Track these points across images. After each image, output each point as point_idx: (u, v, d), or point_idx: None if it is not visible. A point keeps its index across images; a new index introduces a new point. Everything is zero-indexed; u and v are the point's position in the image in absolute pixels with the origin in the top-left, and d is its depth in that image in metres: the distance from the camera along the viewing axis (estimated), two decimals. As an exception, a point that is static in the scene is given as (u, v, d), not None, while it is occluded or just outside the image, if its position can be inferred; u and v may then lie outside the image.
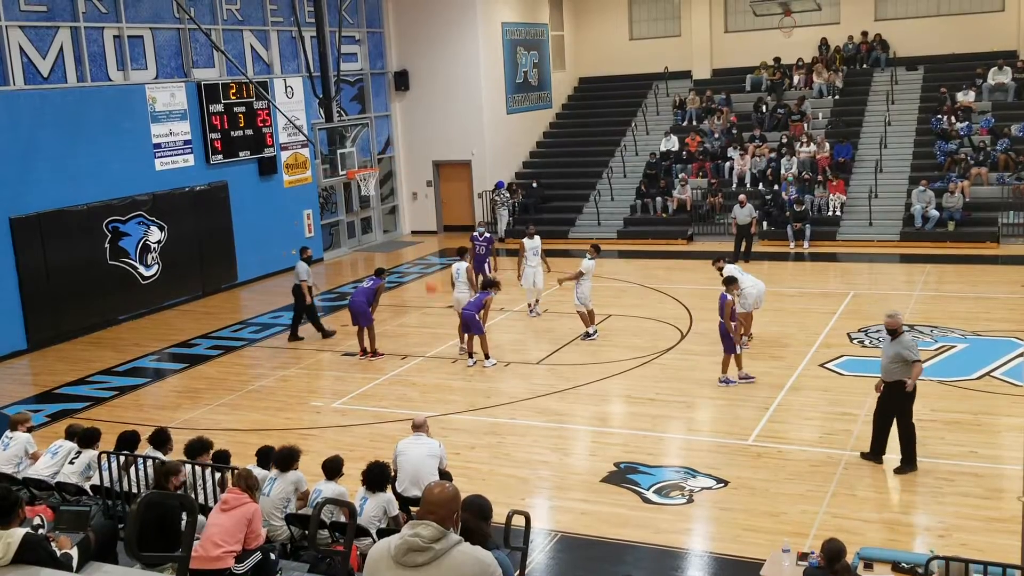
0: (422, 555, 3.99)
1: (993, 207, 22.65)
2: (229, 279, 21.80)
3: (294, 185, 23.66)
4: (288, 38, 23.43)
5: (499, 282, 16.17)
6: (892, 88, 27.12)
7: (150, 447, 9.14)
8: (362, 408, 13.53)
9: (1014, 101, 25.56)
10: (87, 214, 18.43)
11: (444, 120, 27.13)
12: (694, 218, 24.85)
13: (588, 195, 26.74)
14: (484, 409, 13.23)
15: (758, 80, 28.96)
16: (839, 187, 23.90)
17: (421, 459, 8.95)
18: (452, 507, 4.16)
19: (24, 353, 17.34)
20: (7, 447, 9.57)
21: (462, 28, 26.62)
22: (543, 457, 11.51)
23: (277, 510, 8.19)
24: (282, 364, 15.92)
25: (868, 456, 10.67)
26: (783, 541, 7.95)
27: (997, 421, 11.86)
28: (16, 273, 17.25)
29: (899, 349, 10.26)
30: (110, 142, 18.90)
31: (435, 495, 4.16)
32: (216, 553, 7.11)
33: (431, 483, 4.32)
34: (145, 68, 19.94)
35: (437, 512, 4.08)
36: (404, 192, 28.16)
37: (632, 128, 28.94)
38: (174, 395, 14.74)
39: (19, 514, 5.64)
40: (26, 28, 17.61)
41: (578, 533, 9.52)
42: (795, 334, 15.72)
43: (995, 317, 16.22)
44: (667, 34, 30.95)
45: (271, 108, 22.29)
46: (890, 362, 10.33)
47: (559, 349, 15.79)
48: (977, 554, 8.12)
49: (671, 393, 13.47)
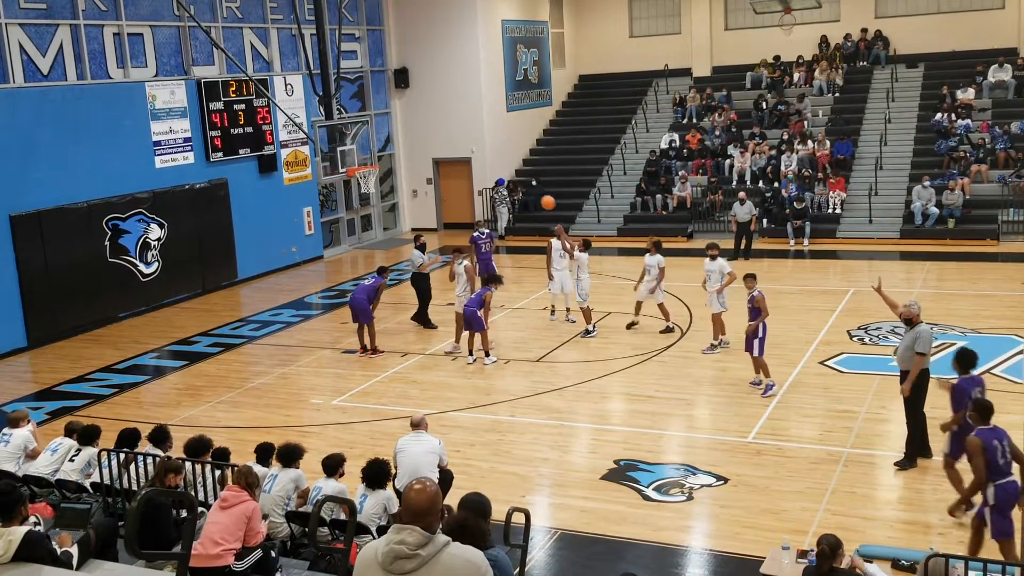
0: (410, 562, 3.91)
1: (993, 204, 22.65)
2: (229, 276, 21.80)
3: (294, 183, 23.65)
4: (288, 35, 23.43)
5: (501, 277, 16.16)
6: (892, 85, 27.11)
7: (150, 444, 9.15)
8: (362, 405, 13.53)
9: (1014, 98, 25.55)
10: (87, 211, 18.43)
11: (444, 117, 27.13)
12: (694, 215, 24.86)
13: (588, 193, 26.73)
14: (484, 406, 13.23)
15: (758, 78, 28.95)
16: (839, 184, 23.90)
17: (420, 457, 8.96)
18: (435, 508, 4.04)
19: (24, 350, 17.34)
20: (6, 444, 9.58)
21: (462, 25, 26.61)
22: (543, 454, 11.51)
23: (277, 507, 8.20)
24: (282, 362, 15.92)
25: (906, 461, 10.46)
26: (783, 539, 7.95)
27: (997, 419, 11.78)
28: (16, 270, 17.25)
29: (913, 338, 10.35)
30: (110, 140, 18.90)
31: (415, 501, 4.01)
32: (216, 551, 7.11)
33: (408, 486, 4.14)
34: (145, 66, 19.94)
35: (419, 520, 3.97)
36: (404, 190, 28.16)
37: (632, 126, 28.94)
38: (174, 392, 14.75)
39: (21, 512, 5.65)
40: (26, 26, 17.60)
41: (578, 530, 9.53)
42: (795, 332, 15.71)
43: (995, 314, 16.23)
44: (667, 31, 30.94)
45: (271, 106, 22.29)
46: (906, 350, 10.43)
47: (559, 347, 15.80)
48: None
49: (671, 390, 13.47)
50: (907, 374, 10.40)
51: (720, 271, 14.70)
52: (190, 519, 6.14)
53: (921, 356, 10.26)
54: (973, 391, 9.24)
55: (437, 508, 4.05)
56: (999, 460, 7.91)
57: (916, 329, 10.39)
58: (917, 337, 10.32)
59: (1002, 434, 8.09)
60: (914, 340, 10.33)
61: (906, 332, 10.57)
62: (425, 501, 4.01)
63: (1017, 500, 7.91)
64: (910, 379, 10.28)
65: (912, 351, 10.33)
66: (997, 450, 7.92)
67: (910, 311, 10.50)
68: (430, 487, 4.09)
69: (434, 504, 4.03)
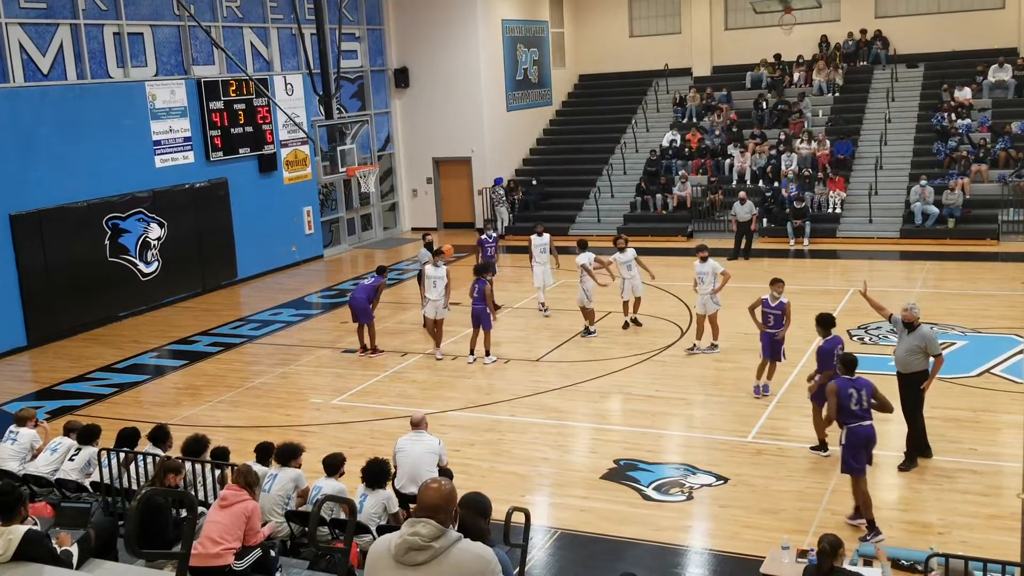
0: (422, 554, 3.98)
1: (993, 204, 22.65)
2: (229, 276, 21.80)
3: (294, 182, 23.66)
4: (288, 35, 23.42)
5: (492, 263, 15.92)
6: (892, 85, 27.11)
7: (150, 444, 9.15)
8: (362, 405, 13.53)
9: (1014, 98, 25.54)
10: (87, 211, 18.43)
11: (444, 117, 27.13)
12: (694, 215, 24.86)
13: (588, 192, 26.73)
14: (484, 406, 13.24)
15: (758, 77, 28.94)
16: (839, 184, 23.90)
17: (420, 456, 8.96)
18: (449, 506, 4.13)
19: (24, 350, 17.35)
20: (14, 443, 9.59)
21: (462, 25, 26.61)
22: (543, 454, 11.52)
23: (277, 507, 8.20)
24: (282, 361, 15.93)
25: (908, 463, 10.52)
26: (783, 538, 7.95)
27: (997, 418, 11.87)
28: (16, 270, 17.26)
29: (917, 342, 10.32)
30: (110, 139, 18.90)
31: (430, 498, 4.11)
32: (215, 550, 7.11)
33: (424, 483, 4.25)
34: (145, 65, 19.94)
35: (435, 515, 4.05)
36: (404, 189, 28.16)
37: (632, 125, 28.93)
38: (174, 392, 14.75)
39: (21, 511, 5.65)
40: (26, 25, 17.60)
41: (578, 530, 9.53)
42: (795, 331, 15.67)
43: (995, 314, 16.23)
44: (667, 31, 30.94)
45: (271, 105, 22.29)
46: (908, 353, 10.38)
47: (559, 346, 15.80)
48: (977, 551, 8.15)
49: (671, 390, 13.47)
50: (908, 377, 10.42)
51: (713, 272, 14.67)
52: (190, 519, 6.13)
53: (938, 357, 10.35)
54: (836, 349, 10.35)
55: (452, 506, 4.15)
56: (852, 406, 9.09)
57: (919, 332, 10.36)
58: (926, 340, 10.31)
59: (862, 384, 9.19)
60: (920, 343, 10.30)
61: (904, 335, 10.48)
62: (440, 498, 4.10)
63: (866, 443, 9.10)
64: (932, 377, 10.35)
65: (915, 354, 10.33)
66: (852, 397, 9.08)
67: (911, 314, 10.44)
68: (445, 485, 4.18)
69: (448, 502, 4.13)
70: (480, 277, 15.16)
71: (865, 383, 9.17)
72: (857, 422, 9.05)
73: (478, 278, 15.15)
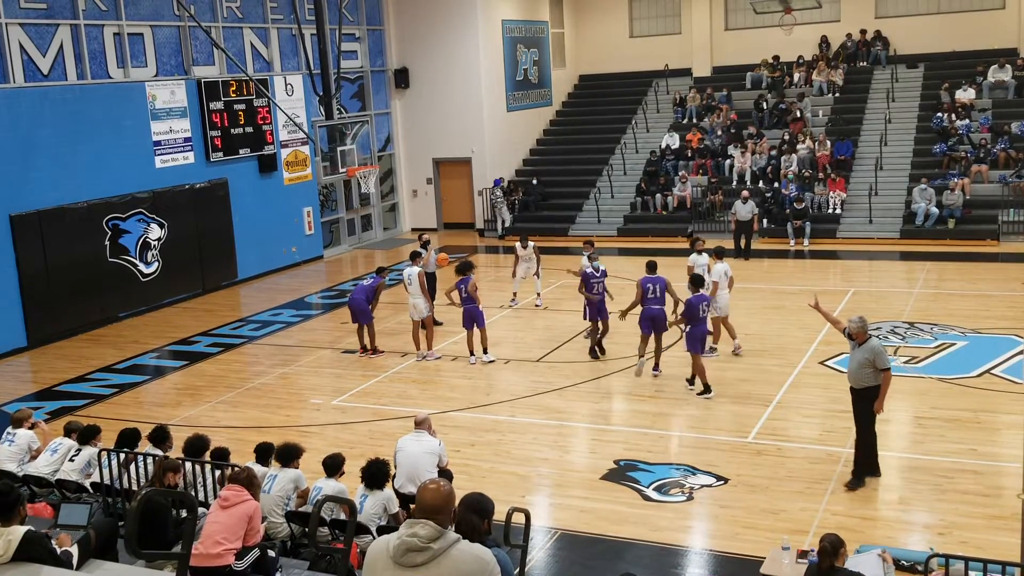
0: (421, 555, 3.99)
1: (993, 205, 22.65)
2: (229, 276, 21.80)
3: (294, 182, 23.66)
4: (288, 35, 23.43)
5: (470, 261, 15.65)
6: (892, 86, 27.11)
7: (150, 444, 9.15)
8: (362, 405, 13.53)
9: (1014, 99, 25.55)
10: (87, 211, 18.43)
11: (444, 117, 27.13)
12: (694, 215, 24.86)
13: (588, 192, 26.74)
14: (484, 406, 13.23)
15: (758, 78, 28.95)
16: (839, 185, 23.90)
17: (419, 456, 8.96)
18: (448, 507, 4.14)
19: (24, 350, 17.35)
20: (11, 444, 9.59)
21: (462, 25, 26.61)
22: (543, 454, 11.51)
23: (277, 507, 8.20)
24: (282, 362, 15.93)
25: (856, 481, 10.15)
26: (783, 539, 7.94)
27: (997, 419, 11.86)
28: (16, 270, 17.26)
29: (867, 355, 9.87)
30: (110, 139, 18.90)
31: (429, 499, 4.11)
32: (216, 551, 7.10)
33: (423, 484, 4.25)
34: (145, 65, 19.94)
35: (433, 516, 4.06)
36: (404, 189, 28.16)
37: (632, 126, 28.94)
38: (174, 392, 14.75)
39: (20, 512, 5.65)
40: (26, 25, 17.60)
41: (578, 530, 9.53)
42: (795, 332, 15.72)
43: (995, 315, 16.22)
44: (667, 31, 30.94)
45: (271, 105, 22.29)
46: (859, 367, 9.94)
47: (559, 347, 15.80)
48: (977, 552, 8.15)
49: (671, 390, 13.47)
50: (860, 392, 9.98)
51: (725, 273, 14.65)
52: (190, 519, 6.13)
53: (887, 371, 9.87)
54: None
55: (450, 507, 4.16)
56: (700, 315, 12.91)
57: (869, 346, 9.89)
58: (874, 353, 9.84)
59: (704, 298, 13.08)
60: (869, 356, 9.84)
61: (855, 348, 10.01)
62: (439, 499, 4.11)
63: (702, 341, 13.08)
64: (882, 395, 9.86)
65: (867, 368, 9.85)
66: (698, 307, 12.91)
67: (855, 327, 9.95)
68: (444, 487, 4.19)
69: (447, 503, 4.14)
70: (464, 275, 15.02)
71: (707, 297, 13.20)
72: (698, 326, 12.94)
73: (461, 277, 15.01)
